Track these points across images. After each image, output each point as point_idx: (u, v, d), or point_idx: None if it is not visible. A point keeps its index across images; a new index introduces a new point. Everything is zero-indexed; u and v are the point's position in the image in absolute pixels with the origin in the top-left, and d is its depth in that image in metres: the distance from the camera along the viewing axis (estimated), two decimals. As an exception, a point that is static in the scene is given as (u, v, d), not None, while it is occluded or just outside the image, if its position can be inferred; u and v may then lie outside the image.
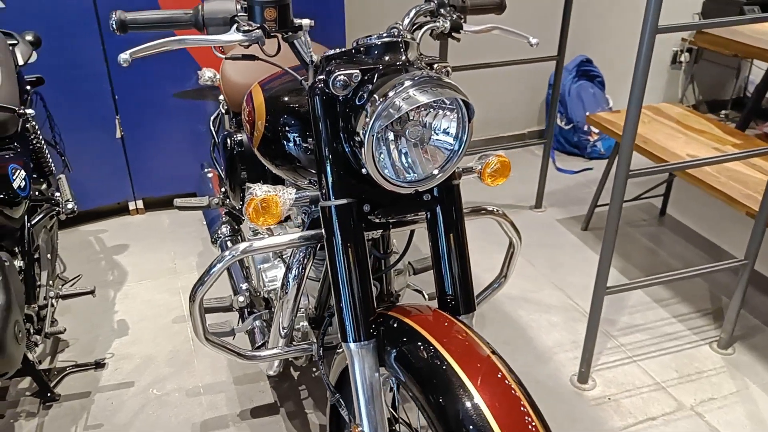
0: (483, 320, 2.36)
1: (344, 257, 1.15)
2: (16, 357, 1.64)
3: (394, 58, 1.13)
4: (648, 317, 2.36)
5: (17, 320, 1.64)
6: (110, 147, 2.92)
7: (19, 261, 1.85)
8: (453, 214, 1.24)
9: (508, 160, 1.31)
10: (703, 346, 2.21)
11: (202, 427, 1.92)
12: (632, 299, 2.45)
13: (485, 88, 3.61)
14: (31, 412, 1.97)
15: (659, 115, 2.72)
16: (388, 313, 1.21)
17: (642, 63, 1.52)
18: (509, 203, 3.19)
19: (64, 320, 2.37)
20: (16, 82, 1.98)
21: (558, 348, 2.21)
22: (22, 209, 1.84)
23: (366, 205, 1.18)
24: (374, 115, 1.04)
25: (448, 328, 1.13)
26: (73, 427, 1.93)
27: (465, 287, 1.25)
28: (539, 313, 2.40)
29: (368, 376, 1.17)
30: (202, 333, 1.39)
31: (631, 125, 1.61)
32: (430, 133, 1.14)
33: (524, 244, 2.83)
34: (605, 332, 2.28)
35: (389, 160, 1.11)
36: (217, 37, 1.12)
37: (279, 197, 1.12)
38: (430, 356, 1.07)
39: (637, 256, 2.74)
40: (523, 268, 2.67)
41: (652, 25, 1.47)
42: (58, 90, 2.66)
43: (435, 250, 1.25)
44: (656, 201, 3.09)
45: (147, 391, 2.05)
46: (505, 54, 2.93)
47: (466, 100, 1.10)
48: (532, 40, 1.39)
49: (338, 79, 1.09)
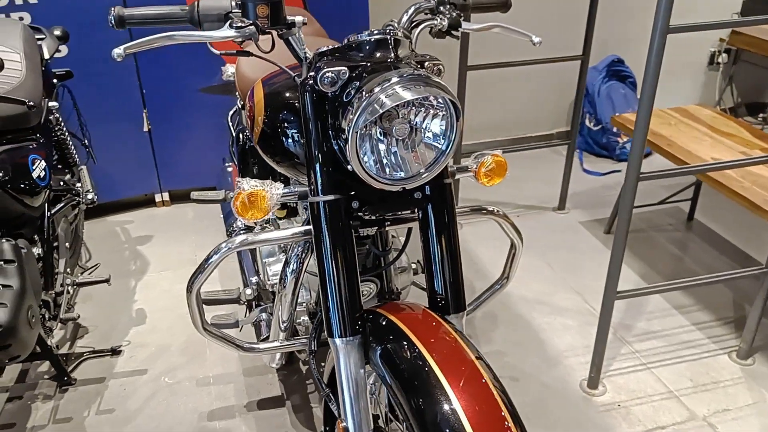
0: (495, 320, 2.34)
1: (331, 253, 1.16)
2: (28, 341, 1.69)
3: (383, 56, 1.13)
4: (666, 324, 2.30)
5: (31, 305, 1.70)
6: (138, 140, 2.99)
7: (38, 248, 1.91)
8: (445, 213, 1.23)
9: (504, 159, 1.30)
10: (722, 355, 2.15)
11: (209, 416, 1.96)
12: (650, 305, 2.40)
13: (512, 87, 3.58)
14: (47, 395, 2.04)
15: (687, 117, 2.65)
16: (377, 311, 1.22)
17: (653, 64, 1.49)
18: (532, 204, 3.15)
19: (85, 307, 2.45)
20: (40, 76, 2.05)
21: (570, 352, 2.18)
22: (41, 198, 1.91)
23: (355, 201, 1.18)
24: (358, 110, 1.04)
25: (434, 330, 1.13)
26: (87, 410, 1.98)
27: (455, 287, 1.25)
28: (553, 315, 2.37)
29: (353, 372, 1.18)
30: (200, 323, 1.42)
31: (642, 127, 1.57)
32: (419, 131, 1.13)
33: (544, 246, 2.83)
34: (620, 338, 2.24)
35: (373, 158, 1.11)
36: (209, 33, 1.14)
37: (266, 192, 1.13)
38: (413, 357, 1.07)
39: (660, 262, 2.67)
40: (541, 270, 2.64)
41: (662, 26, 1.44)
42: (88, 84, 2.74)
43: (426, 248, 1.24)
44: (684, 205, 3.01)
45: (159, 379, 2.10)
46: (530, 53, 2.89)
47: (453, 99, 1.09)
48: (535, 39, 1.36)
49: (326, 76, 1.10)
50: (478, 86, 3.50)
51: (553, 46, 3.21)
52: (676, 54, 3.76)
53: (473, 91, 3.51)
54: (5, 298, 1.63)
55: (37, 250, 1.91)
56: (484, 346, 2.21)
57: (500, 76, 3.45)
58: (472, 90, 3.50)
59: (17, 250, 1.72)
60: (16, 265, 1.69)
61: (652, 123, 2.61)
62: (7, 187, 1.75)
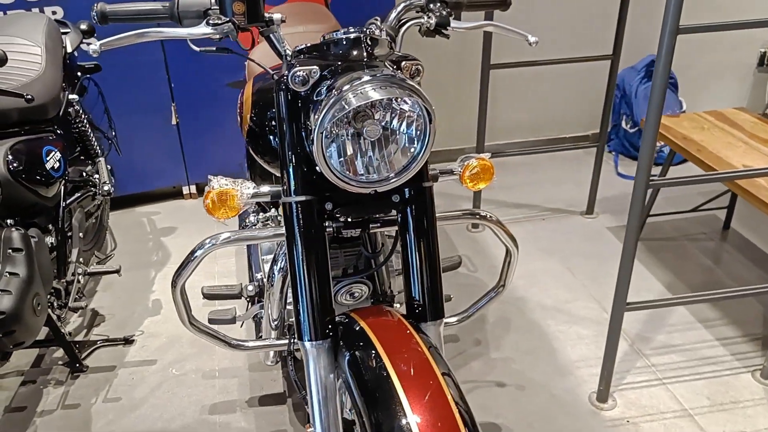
0: (508, 326, 2.28)
1: (303, 254, 1.14)
2: (33, 328, 1.74)
3: (358, 55, 1.10)
4: (687, 338, 2.20)
5: (37, 293, 1.74)
6: (166, 133, 3.04)
7: (52, 238, 1.97)
8: (423, 217, 1.20)
9: (491, 163, 1.25)
10: (744, 374, 2.04)
11: (211, 409, 1.98)
12: (673, 317, 2.29)
13: (545, 86, 3.48)
14: (60, 381, 2.10)
15: (723, 121, 2.52)
16: (352, 315, 1.19)
17: (662, 66, 1.41)
18: (559, 207, 3.06)
19: (105, 296, 2.51)
20: (60, 69, 2.10)
21: (582, 362, 2.10)
22: (55, 189, 1.95)
23: (328, 203, 1.16)
24: (324, 109, 1.02)
25: (403, 341, 1.10)
26: (95, 398, 2.03)
27: (433, 293, 1.21)
28: (569, 324, 2.29)
29: (322, 377, 1.16)
30: (186, 318, 1.43)
31: (650, 131, 1.49)
32: (394, 133, 1.10)
33: (567, 252, 2.74)
34: (637, 350, 2.15)
35: (341, 159, 1.08)
36: (185, 30, 1.13)
37: (236, 191, 1.13)
38: (377, 367, 1.04)
39: (689, 272, 2.56)
40: (562, 276, 2.56)
41: (672, 26, 1.36)
42: (118, 77, 2.80)
43: (404, 253, 1.21)
44: (721, 213, 2.87)
45: (167, 370, 2.13)
46: (559, 52, 2.81)
47: (424, 102, 1.05)
48: (531, 39, 1.31)
49: (297, 75, 1.08)
50: (509, 84, 3.43)
51: (586, 45, 3.13)
52: (722, 54, 3.60)
53: (504, 90, 3.45)
54: (11, 286, 1.67)
55: (51, 239, 1.96)
56: (493, 352, 2.16)
57: (534, 74, 3.37)
58: (503, 88, 3.44)
59: (26, 239, 1.77)
60: (24, 253, 1.74)
61: (684, 127, 2.51)
62: (21, 178, 1.80)
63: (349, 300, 1.53)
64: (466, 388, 2.01)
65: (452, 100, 3.39)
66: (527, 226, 2.92)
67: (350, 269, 1.55)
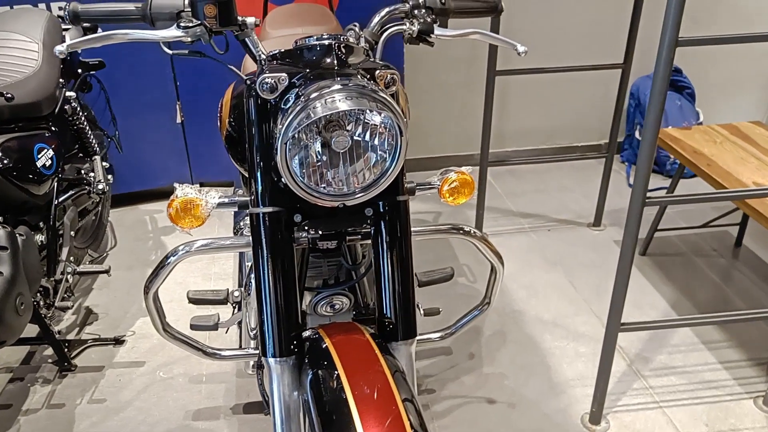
0: (504, 340, 2.22)
1: (269, 267, 1.11)
2: (15, 327, 1.72)
3: (329, 63, 1.06)
4: (689, 359, 2.12)
5: (21, 292, 1.73)
6: (171, 131, 3.03)
7: (42, 235, 1.95)
8: (397, 232, 1.15)
9: (471, 178, 1.20)
10: (746, 400, 1.96)
11: (194, 414, 1.95)
12: (676, 337, 2.22)
13: (558, 93, 3.41)
14: (47, 379, 2.09)
15: (736, 135, 2.44)
16: (320, 331, 1.15)
17: (660, 80, 1.35)
18: (565, 218, 2.99)
19: (101, 294, 2.50)
20: (57, 66, 2.09)
21: (577, 381, 2.04)
22: (46, 187, 1.94)
23: (297, 215, 1.12)
24: (289, 118, 0.98)
25: (366, 362, 1.05)
26: (80, 398, 2.01)
27: (405, 312, 1.17)
28: (567, 340, 2.22)
29: (285, 395, 1.12)
30: (160, 325, 1.40)
31: (647, 147, 1.43)
32: (365, 145, 1.05)
33: (571, 264, 2.67)
34: (636, 371, 2.08)
35: (304, 170, 1.04)
36: (155, 32, 1.10)
37: (200, 200, 1.09)
38: (336, 390, 1.00)
39: (697, 290, 2.47)
40: (564, 289, 2.50)
41: (671, 38, 1.30)
42: (124, 74, 2.80)
43: (377, 269, 1.17)
44: (733, 229, 2.78)
45: (155, 373, 2.11)
46: (568, 59, 2.74)
47: (395, 116, 1.01)
48: (520, 48, 1.26)
49: (265, 82, 1.04)
50: (521, 90, 3.36)
51: (603, 52, 3.05)
52: (743, 64, 3.49)
53: (516, 95, 3.39)
54: (-6, 284, 1.66)
55: (41, 237, 1.95)
56: (486, 367, 2.11)
57: (547, 80, 3.30)
58: (515, 94, 3.38)
59: (12, 238, 1.75)
60: (9, 252, 1.72)
61: (695, 140, 2.42)
62: (9, 175, 1.79)
63: (330, 312, 1.49)
64: (456, 403, 1.96)
65: (461, 105, 3.34)
66: (531, 236, 2.86)
67: (331, 280, 1.52)
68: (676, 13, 1.27)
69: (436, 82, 3.23)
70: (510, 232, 2.90)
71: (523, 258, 2.70)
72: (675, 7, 1.26)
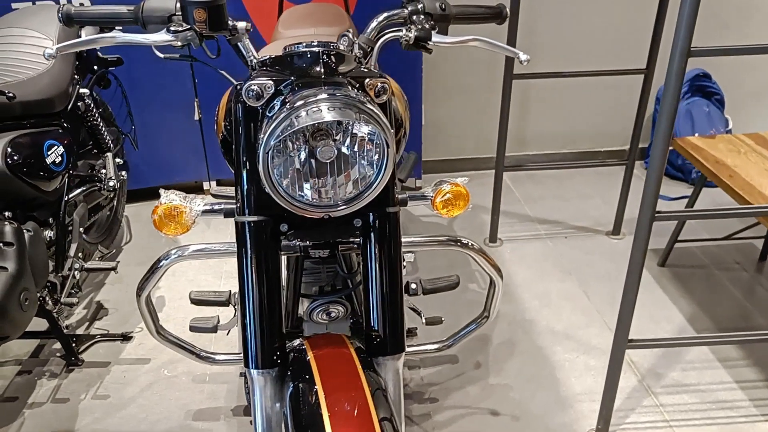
0: (512, 350, 2.18)
1: (253, 277, 1.09)
2: (18, 322, 1.74)
3: (318, 71, 1.03)
4: (704, 377, 2.05)
5: (26, 288, 1.74)
6: (189, 128, 3.04)
7: (50, 231, 1.97)
8: (387, 244, 1.12)
9: (465, 190, 1.16)
10: (762, 422, 1.88)
11: (195, 414, 1.95)
12: (691, 354, 2.14)
13: (582, 97, 3.33)
14: (54, 373, 2.11)
15: (762, 145, 2.34)
16: (305, 343, 1.13)
17: (671, 90, 1.29)
18: (584, 225, 2.92)
19: (112, 290, 2.52)
20: (72, 63, 2.10)
21: (585, 396, 1.99)
22: (56, 183, 1.95)
23: (284, 224, 1.10)
24: (272, 126, 0.96)
25: (347, 378, 1.02)
26: (85, 393, 2.03)
27: (394, 325, 1.14)
28: (578, 353, 2.17)
29: (267, 407, 1.10)
30: (153, 327, 1.40)
31: (657, 160, 1.38)
32: (351, 156, 1.03)
33: (586, 274, 2.61)
34: (646, 387, 2.02)
35: (283, 178, 1.01)
36: (144, 36, 1.09)
37: (185, 207, 1.08)
38: (314, 404, 0.98)
39: (716, 305, 2.39)
40: (577, 300, 2.44)
41: (683, 47, 1.24)
42: (143, 71, 2.81)
43: (365, 281, 1.14)
44: (758, 242, 2.69)
45: (159, 370, 2.12)
46: (589, 63, 2.68)
47: (382, 128, 0.98)
48: (522, 57, 1.22)
49: (251, 89, 1.02)
50: (543, 94, 3.30)
51: (628, 56, 2.97)
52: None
53: (538, 99, 3.32)
54: (-2, 280, 1.68)
55: (50, 233, 1.97)
56: (493, 377, 2.06)
57: (570, 84, 3.23)
58: (537, 97, 3.32)
59: (19, 233, 1.77)
60: (15, 248, 1.74)
61: (719, 150, 2.34)
62: (19, 171, 1.80)
63: (326, 319, 1.47)
64: (459, 414, 1.93)
65: (481, 108, 3.28)
66: (547, 243, 2.80)
67: (327, 287, 1.50)
68: (689, 21, 1.21)
69: (456, 85, 3.18)
70: (526, 238, 2.85)
71: (537, 266, 2.64)
72: (688, 14, 1.20)
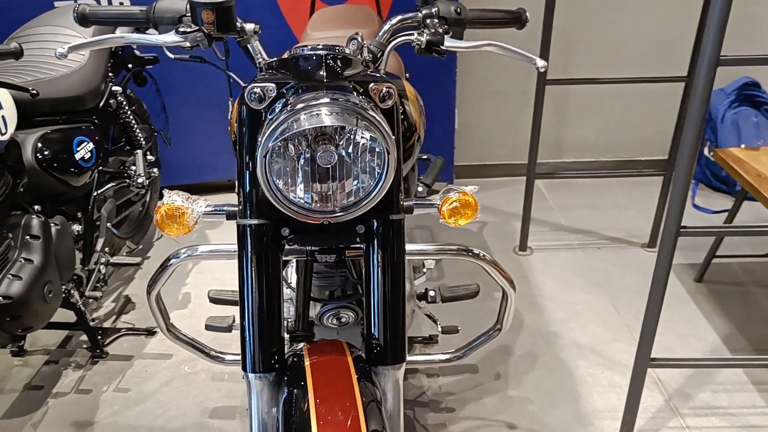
0: (534, 362, 2.13)
1: (252, 281, 1.08)
2: (41, 314, 1.78)
3: (322, 74, 1.02)
4: (735, 401, 1.96)
5: (50, 280, 1.79)
6: (222, 127, 3.07)
7: (78, 226, 2.01)
8: (389, 252, 1.10)
9: (474, 199, 1.13)
10: (795, 451, 1.79)
11: (211, 413, 1.96)
12: (722, 375, 2.05)
13: (622, 105, 3.24)
14: (80, 364, 2.15)
15: (808, 158, 2.23)
16: (304, 349, 1.12)
17: (698, 100, 1.23)
18: (618, 236, 2.84)
19: (141, 284, 2.56)
20: (105, 61, 2.14)
21: (607, 413, 1.92)
22: (85, 179, 1.99)
23: (285, 228, 1.09)
24: (270, 129, 0.95)
25: (340, 390, 1.01)
26: (107, 385, 2.07)
27: (394, 335, 1.12)
28: (602, 368, 2.10)
29: (263, 411, 1.10)
30: (163, 325, 1.42)
31: (683, 172, 1.32)
32: (351, 163, 1.01)
33: (617, 287, 2.53)
34: (673, 407, 1.94)
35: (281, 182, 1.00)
36: (153, 37, 1.10)
37: (187, 208, 1.08)
38: (305, 412, 0.97)
39: (753, 324, 2.29)
40: (606, 313, 2.36)
41: (711, 57, 1.18)
42: (179, 70, 2.85)
43: (367, 288, 1.12)
44: (804, 261, 2.56)
45: (180, 367, 2.14)
46: (628, 70, 2.60)
47: (383, 135, 0.96)
48: (539, 63, 1.18)
49: (253, 92, 1.01)
50: (582, 100, 3.22)
51: (666, 63, 2.87)
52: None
53: (576, 106, 3.25)
54: (23, 272, 1.72)
55: (78, 227, 2.01)
56: (512, 389, 2.02)
57: (609, 91, 3.15)
58: (575, 104, 3.24)
59: (46, 227, 1.81)
60: (41, 241, 1.78)
61: (761, 163, 2.24)
62: (48, 166, 1.85)
63: (336, 324, 1.46)
64: (474, 425, 1.89)
65: (517, 114, 3.22)
66: (579, 254, 2.73)
67: (338, 292, 1.48)
68: (717, 30, 1.16)
69: (491, 89, 3.14)
70: (556, 247, 2.78)
71: (566, 276, 2.58)
72: (716, 23, 1.14)
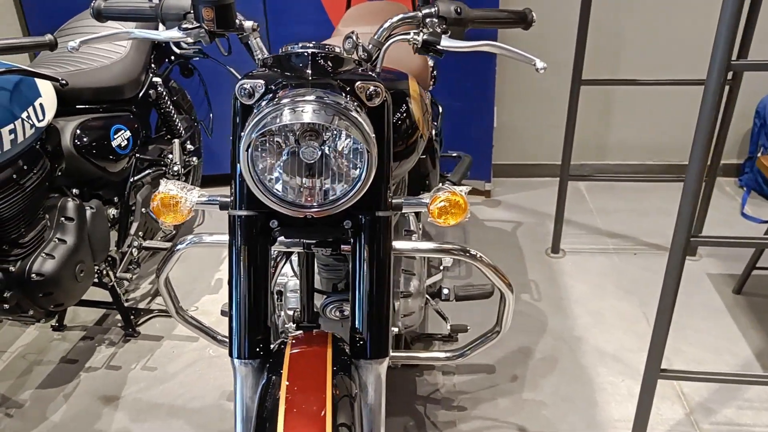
0: (553, 366, 2.10)
1: (241, 269, 1.12)
2: (73, 292, 1.88)
3: (309, 72, 1.04)
4: (761, 419, 1.88)
5: (82, 261, 1.89)
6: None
7: (114, 210, 2.11)
8: (375, 248, 1.12)
9: (464, 199, 1.13)
10: (819, 476, 1.71)
11: (230, 395, 2.03)
12: (750, 391, 1.97)
13: (672, 107, 3.13)
14: (113, 342, 2.26)
15: None
16: (289, 339, 1.16)
17: (709, 105, 1.19)
18: (656, 242, 2.76)
19: (177, 267, 2.65)
20: (146, 53, 2.22)
21: (622, 423, 1.88)
22: (121, 165, 2.09)
23: (273, 221, 1.12)
24: (252, 122, 0.98)
25: (313, 382, 1.03)
26: (135, 363, 2.16)
27: (378, 330, 1.13)
28: (623, 377, 2.05)
29: (247, 397, 1.13)
30: (173, 308, 1.47)
31: (693, 178, 1.28)
32: (337, 158, 1.03)
33: (650, 294, 2.47)
34: (693, 422, 1.88)
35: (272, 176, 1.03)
36: (156, 33, 1.15)
37: (181, 197, 1.12)
38: (274, 403, 1.00)
39: (792, 340, 2.19)
40: (635, 321, 2.30)
41: (721, 61, 1.14)
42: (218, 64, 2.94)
43: (353, 283, 1.14)
44: None
45: (205, 349, 2.22)
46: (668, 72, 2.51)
47: (363, 136, 0.97)
48: (539, 64, 1.16)
49: (243, 88, 1.05)
50: (627, 101, 3.14)
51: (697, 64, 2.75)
52: None
53: (621, 106, 3.16)
54: (56, 251, 1.82)
55: (113, 211, 2.11)
56: (527, 392, 2.00)
57: (656, 92, 3.05)
58: (620, 105, 3.15)
59: (81, 210, 1.91)
60: (75, 223, 1.88)
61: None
62: (85, 152, 1.95)
63: (338, 316, 1.49)
64: (485, 425, 1.88)
65: (558, 114, 3.15)
66: (613, 259, 2.66)
67: (341, 285, 1.51)
68: (728, 33, 1.11)
69: (531, 88, 3.09)
70: (591, 251, 2.72)
71: (597, 281, 2.52)
72: (727, 26, 1.10)
